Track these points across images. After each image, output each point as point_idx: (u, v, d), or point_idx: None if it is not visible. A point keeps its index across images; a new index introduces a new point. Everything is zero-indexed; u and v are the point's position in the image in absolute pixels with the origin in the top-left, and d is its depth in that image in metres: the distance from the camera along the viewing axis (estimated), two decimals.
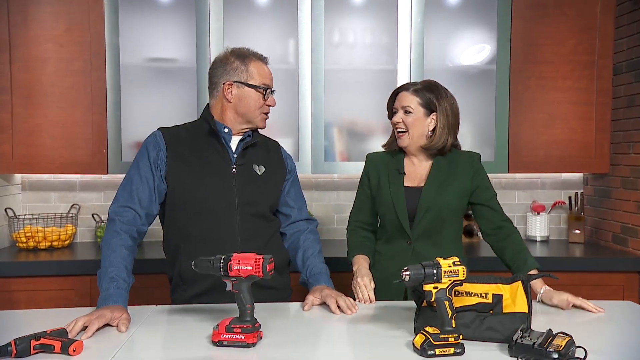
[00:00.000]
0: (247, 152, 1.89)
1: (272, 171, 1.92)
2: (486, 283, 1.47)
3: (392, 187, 1.96)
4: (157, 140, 1.82)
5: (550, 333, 1.32)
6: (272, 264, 1.43)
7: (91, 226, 3.04)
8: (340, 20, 2.89)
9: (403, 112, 1.93)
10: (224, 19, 2.73)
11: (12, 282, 2.47)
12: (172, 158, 1.80)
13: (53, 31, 2.69)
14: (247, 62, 1.83)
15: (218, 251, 1.71)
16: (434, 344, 1.31)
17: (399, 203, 1.93)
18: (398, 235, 1.95)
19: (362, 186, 2.08)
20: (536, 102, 2.84)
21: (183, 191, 1.79)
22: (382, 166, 2.02)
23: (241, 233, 1.81)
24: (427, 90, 1.93)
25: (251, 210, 1.83)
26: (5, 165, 2.71)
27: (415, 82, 1.98)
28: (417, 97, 1.92)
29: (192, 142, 1.85)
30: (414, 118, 1.92)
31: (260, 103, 1.84)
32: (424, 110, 1.92)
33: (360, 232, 2.07)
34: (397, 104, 1.96)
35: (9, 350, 1.27)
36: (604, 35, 2.82)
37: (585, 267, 2.64)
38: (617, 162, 2.85)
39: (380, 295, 1.89)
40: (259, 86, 1.82)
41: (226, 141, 1.85)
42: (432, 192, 1.91)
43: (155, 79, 2.84)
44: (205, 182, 1.80)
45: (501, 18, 2.81)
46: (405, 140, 1.95)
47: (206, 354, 1.35)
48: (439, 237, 1.93)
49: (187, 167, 1.80)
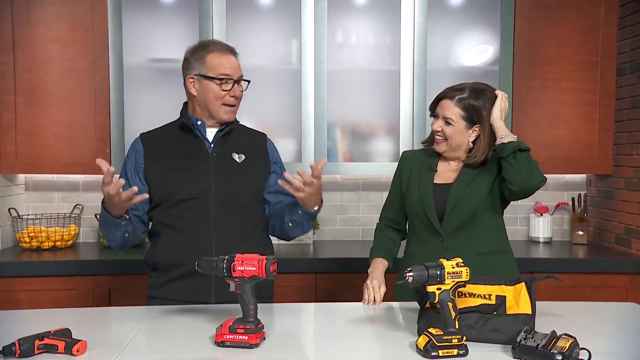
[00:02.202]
0: (226, 141, 1.88)
1: (253, 160, 1.90)
2: (490, 284, 1.46)
3: (421, 184, 1.90)
4: (135, 146, 1.89)
5: (554, 334, 1.32)
6: (276, 264, 1.43)
7: (94, 226, 3.05)
8: (343, 20, 2.89)
9: (444, 122, 1.85)
10: (227, 20, 2.73)
11: (16, 282, 2.47)
12: (149, 157, 1.85)
13: (57, 31, 2.70)
14: (205, 54, 1.83)
15: (193, 240, 1.77)
16: (437, 345, 1.31)
17: (426, 199, 1.87)
18: (428, 233, 1.88)
19: (394, 183, 2.03)
20: (539, 103, 2.83)
21: (160, 185, 1.83)
22: (416, 163, 1.96)
23: (216, 222, 1.80)
24: (474, 98, 1.82)
25: (229, 199, 1.82)
26: (9, 165, 2.72)
27: (461, 88, 1.85)
28: (459, 108, 1.82)
29: (168, 139, 1.88)
30: (454, 130, 1.84)
31: (219, 94, 1.82)
32: (466, 123, 1.83)
33: (387, 231, 2.02)
34: (439, 110, 1.87)
35: (13, 350, 1.27)
36: (608, 36, 2.82)
37: (588, 268, 2.63)
38: (621, 163, 2.85)
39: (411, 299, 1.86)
40: (215, 77, 1.81)
41: (200, 132, 1.86)
42: (461, 187, 1.85)
43: (159, 79, 2.85)
44: (181, 173, 1.82)
45: (504, 19, 2.80)
46: (442, 147, 1.87)
47: (209, 354, 1.35)
48: (473, 230, 1.85)
49: (162, 162, 1.84)
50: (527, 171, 1.75)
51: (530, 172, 1.76)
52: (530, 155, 1.79)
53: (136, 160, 1.85)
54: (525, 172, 1.75)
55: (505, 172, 1.79)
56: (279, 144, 2.77)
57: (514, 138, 1.80)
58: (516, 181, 1.76)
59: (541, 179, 1.78)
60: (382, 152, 2.88)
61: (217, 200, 1.81)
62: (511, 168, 1.77)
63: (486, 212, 1.86)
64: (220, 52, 1.83)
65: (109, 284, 2.52)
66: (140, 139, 1.90)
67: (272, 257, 1.43)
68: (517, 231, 3.17)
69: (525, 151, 1.78)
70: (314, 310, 1.73)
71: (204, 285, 1.78)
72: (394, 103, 2.82)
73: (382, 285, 1.83)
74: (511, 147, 1.77)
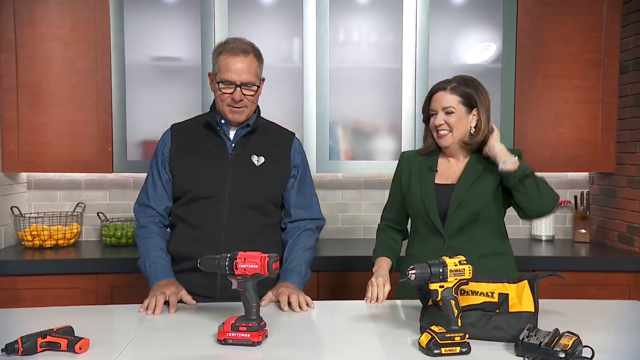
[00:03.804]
0: (247, 142, 1.89)
1: (273, 163, 1.91)
2: (492, 282, 1.46)
3: (423, 184, 1.89)
4: (164, 137, 1.95)
5: (556, 332, 1.31)
6: (278, 262, 1.43)
7: (96, 225, 3.05)
8: (345, 18, 2.88)
9: (444, 113, 1.84)
10: (229, 18, 2.73)
11: (18, 280, 2.48)
12: (174, 150, 1.90)
13: (59, 30, 2.70)
14: (218, 54, 1.84)
15: (203, 236, 1.81)
16: (440, 343, 1.31)
17: (428, 200, 1.86)
18: (430, 234, 1.88)
19: (394, 184, 2.03)
20: (542, 101, 2.83)
21: (181, 181, 1.88)
22: (415, 163, 1.96)
23: (227, 223, 1.82)
24: (465, 85, 1.85)
25: (243, 200, 1.84)
26: (11, 163, 2.72)
27: (448, 80, 1.88)
28: (456, 95, 1.84)
29: (195, 134, 1.92)
30: (457, 117, 1.84)
31: (222, 96, 1.84)
32: (466, 108, 1.84)
33: (389, 231, 2.02)
34: (435, 105, 1.87)
35: (16, 348, 1.28)
36: (611, 34, 2.81)
37: (591, 266, 2.63)
38: (623, 161, 2.84)
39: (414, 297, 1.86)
40: (220, 80, 1.83)
41: (224, 131, 1.88)
42: (464, 188, 1.84)
43: (160, 78, 2.85)
44: (200, 171, 1.85)
45: (507, 16, 2.79)
46: (448, 139, 1.86)
47: (212, 352, 1.35)
48: (475, 233, 1.84)
49: (186, 157, 1.88)
50: (537, 196, 1.77)
51: (540, 196, 1.77)
52: (537, 177, 1.78)
53: (163, 154, 1.91)
54: (537, 198, 1.77)
55: (516, 199, 1.81)
56: None
57: (516, 163, 1.78)
58: (530, 207, 1.79)
59: (554, 199, 1.81)
60: (384, 151, 2.88)
61: (230, 201, 1.84)
62: (521, 195, 1.78)
63: (489, 214, 1.86)
64: (231, 54, 1.81)
65: (112, 282, 2.52)
66: (169, 132, 1.95)
67: (275, 255, 1.43)
68: (519, 229, 3.17)
69: (530, 176, 1.77)
70: (316, 308, 1.73)
71: (210, 280, 1.81)
72: (396, 101, 2.82)
73: (387, 284, 1.83)
74: (517, 176, 1.76)
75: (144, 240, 1.88)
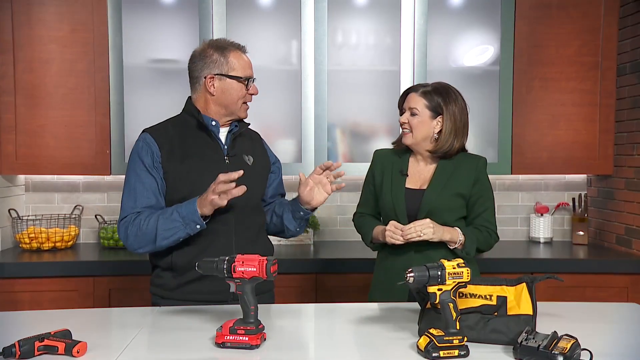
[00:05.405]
0: (237, 143, 1.89)
1: (259, 161, 1.93)
2: (491, 285, 1.46)
3: (394, 188, 1.96)
4: (148, 144, 1.80)
5: (555, 335, 1.31)
6: (276, 265, 1.43)
7: (94, 227, 3.04)
8: (343, 21, 2.88)
9: (409, 113, 1.94)
10: (227, 20, 2.73)
11: (16, 283, 2.47)
12: (167, 159, 1.79)
13: (57, 32, 2.70)
14: (226, 53, 1.82)
15: (213, 242, 1.76)
16: (438, 346, 1.30)
17: (399, 205, 1.94)
18: None
19: (367, 183, 2.09)
20: (540, 104, 2.83)
21: (182, 188, 1.78)
22: (387, 165, 2.02)
23: (236, 225, 1.81)
24: (436, 92, 1.93)
25: (245, 201, 1.81)
26: (9, 166, 2.71)
27: (426, 84, 1.98)
28: (424, 99, 1.93)
29: (182, 139, 1.83)
30: (419, 120, 1.93)
31: (242, 93, 1.83)
32: (430, 113, 1.93)
33: (367, 217, 2.07)
34: (406, 104, 1.97)
35: (13, 351, 1.27)
36: (608, 37, 2.81)
37: (589, 268, 2.63)
38: (621, 163, 2.85)
39: (384, 296, 1.88)
40: (241, 77, 1.82)
41: (215, 134, 1.85)
42: (434, 195, 1.91)
43: (159, 80, 2.85)
44: (202, 177, 1.78)
45: (504, 19, 2.80)
46: (408, 138, 1.96)
47: (209, 355, 1.35)
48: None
49: (182, 165, 1.79)
50: (483, 250, 1.98)
51: (484, 249, 1.97)
52: (474, 243, 1.91)
53: (153, 160, 1.78)
54: (485, 250, 1.98)
55: None
56: (279, 145, 2.81)
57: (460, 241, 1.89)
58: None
59: (492, 246, 2.00)
60: None
61: (236, 203, 1.77)
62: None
63: (457, 221, 1.94)
64: (240, 50, 1.84)
65: (109, 285, 2.52)
66: (150, 137, 1.81)
67: (273, 258, 1.43)
68: (517, 231, 3.17)
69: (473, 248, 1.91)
70: (315, 311, 1.73)
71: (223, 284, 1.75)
72: (394, 103, 2.79)
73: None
74: (465, 253, 1.90)
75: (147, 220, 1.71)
